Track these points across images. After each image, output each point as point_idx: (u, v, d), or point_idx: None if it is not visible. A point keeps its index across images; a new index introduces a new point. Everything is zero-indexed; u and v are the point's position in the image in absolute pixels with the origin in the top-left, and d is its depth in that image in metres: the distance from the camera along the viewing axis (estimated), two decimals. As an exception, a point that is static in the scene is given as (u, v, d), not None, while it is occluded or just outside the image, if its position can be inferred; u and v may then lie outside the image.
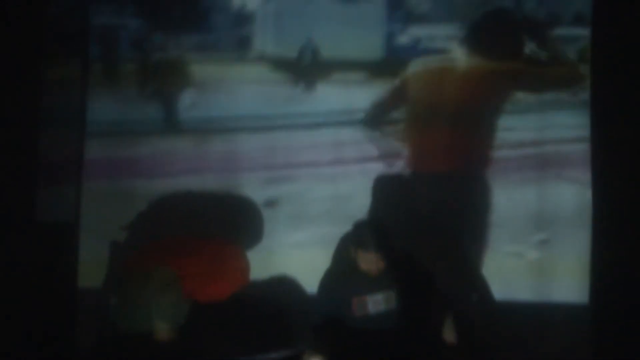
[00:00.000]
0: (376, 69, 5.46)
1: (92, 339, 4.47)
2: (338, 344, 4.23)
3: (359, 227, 4.42)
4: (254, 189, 5.38)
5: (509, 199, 5.26)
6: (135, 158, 5.42)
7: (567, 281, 5.08)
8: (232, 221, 5.15)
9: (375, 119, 5.36)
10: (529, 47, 5.16)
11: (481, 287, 5.08)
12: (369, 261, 4.29)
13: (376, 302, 4.35)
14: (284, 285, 5.08)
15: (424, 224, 5.11)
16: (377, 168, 5.35)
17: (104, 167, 5.41)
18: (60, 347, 4.85)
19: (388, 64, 5.46)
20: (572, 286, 5.05)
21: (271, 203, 5.28)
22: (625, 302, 4.45)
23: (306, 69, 5.47)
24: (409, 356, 4.17)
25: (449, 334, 4.28)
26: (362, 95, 5.45)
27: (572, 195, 5.17)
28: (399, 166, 5.28)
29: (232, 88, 5.48)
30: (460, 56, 5.29)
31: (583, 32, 5.15)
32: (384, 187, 5.25)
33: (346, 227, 4.62)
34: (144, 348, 4.19)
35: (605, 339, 4.52)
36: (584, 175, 5.07)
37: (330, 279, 4.45)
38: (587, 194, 5.02)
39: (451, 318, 4.30)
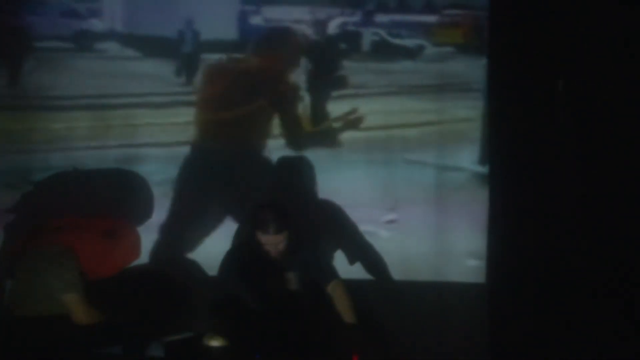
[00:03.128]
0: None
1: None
2: (240, 326, 4.20)
3: (257, 210, 4.38)
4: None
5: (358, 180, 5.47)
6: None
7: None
8: (120, 198, 5.12)
9: None
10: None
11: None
12: (271, 243, 4.30)
13: (284, 282, 4.37)
14: (184, 265, 5.08)
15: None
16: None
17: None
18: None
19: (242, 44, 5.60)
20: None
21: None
22: (521, 281, 4.60)
23: (187, 51, 5.55)
24: (310, 337, 4.20)
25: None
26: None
27: (417, 175, 5.44)
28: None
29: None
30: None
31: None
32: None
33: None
34: (41, 330, 4.09)
35: (500, 318, 4.68)
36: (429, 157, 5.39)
37: (233, 260, 4.40)
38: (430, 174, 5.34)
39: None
